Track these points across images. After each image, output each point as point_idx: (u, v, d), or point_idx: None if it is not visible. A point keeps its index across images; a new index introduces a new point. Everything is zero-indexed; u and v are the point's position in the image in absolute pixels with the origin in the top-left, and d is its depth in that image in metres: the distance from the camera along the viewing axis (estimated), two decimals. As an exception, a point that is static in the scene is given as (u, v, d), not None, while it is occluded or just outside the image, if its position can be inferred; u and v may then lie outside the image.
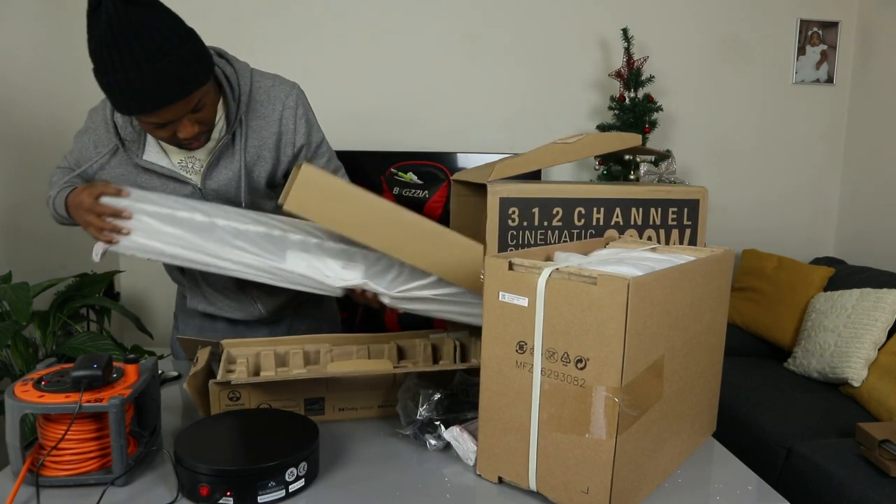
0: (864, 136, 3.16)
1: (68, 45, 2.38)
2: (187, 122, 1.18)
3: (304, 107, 1.39)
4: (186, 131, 1.18)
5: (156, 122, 1.15)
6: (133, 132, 1.29)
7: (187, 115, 1.16)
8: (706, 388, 1.12)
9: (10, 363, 1.79)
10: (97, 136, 1.32)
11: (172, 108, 1.13)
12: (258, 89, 1.33)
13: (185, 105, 1.14)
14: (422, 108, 2.98)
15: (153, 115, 1.13)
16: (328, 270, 1.26)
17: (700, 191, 1.36)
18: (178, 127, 1.18)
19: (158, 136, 1.20)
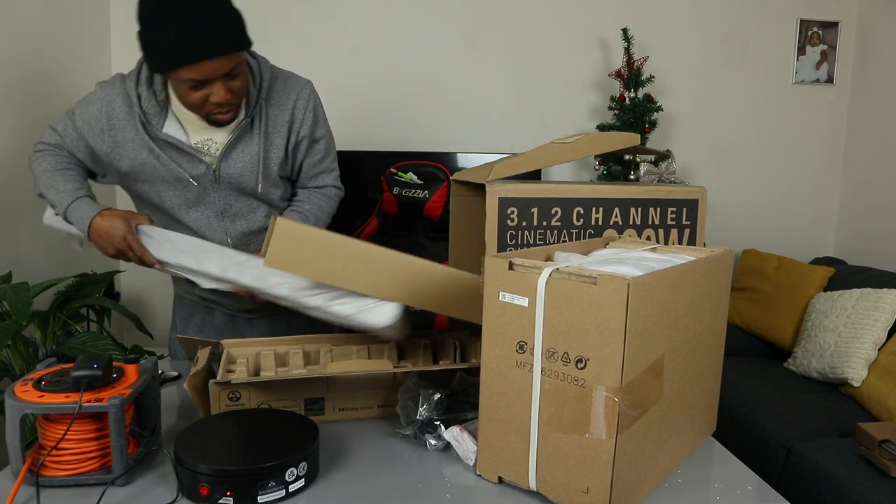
0: (864, 136, 3.16)
1: (68, 44, 2.38)
2: (221, 86, 1.23)
3: (315, 102, 1.45)
4: (219, 95, 1.23)
5: (193, 80, 1.20)
6: (156, 105, 1.33)
7: (223, 78, 1.22)
8: (706, 388, 1.12)
9: (10, 363, 1.79)
10: (111, 109, 1.33)
11: (214, 64, 1.18)
12: (276, 79, 1.40)
13: (226, 63, 1.20)
14: (422, 108, 2.98)
15: (195, 68, 1.17)
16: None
17: (699, 191, 1.36)
18: (213, 89, 1.23)
19: (191, 99, 1.24)
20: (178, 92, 1.27)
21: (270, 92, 1.39)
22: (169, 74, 1.23)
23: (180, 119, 1.35)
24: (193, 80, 1.20)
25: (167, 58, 1.17)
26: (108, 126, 1.33)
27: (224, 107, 1.27)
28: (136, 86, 1.32)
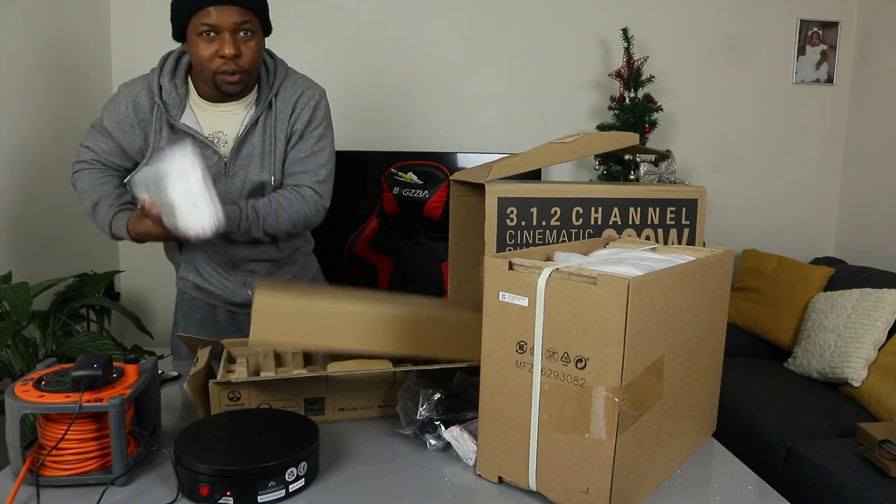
0: (864, 136, 3.16)
1: (69, 44, 2.38)
2: (231, 39, 1.30)
3: (319, 102, 1.49)
4: (230, 47, 1.30)
5: (207, 26, 1.29)
6: (175, 97, 1.42)
7: (234, 33, 1.30)
8: (706, 388, 1.12)
9: (10, 363, 1.79)
10: (137, 103, 1.42)
11: (229, 10, 1.29)
12: (289, 78, 1.47)
13: (241, 14, 1.30)
14: (422, 107, 2.98)
15: (213, 11, 1.28)
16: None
17: (698, 190, 1.36)
18: (223, 42, 1.30)
19: (203, 53, 1.33)
20: (194, 53, 1.35)
21: (281, 91, 1.45)
22: (189, 23, 1.32)
23: (196, 112, 1.44)
24: (206, 27, 1.29)
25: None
26: (137, 120, 1.42)
27: (231, 65, 1.32)
28: (159, 77, 1.42)
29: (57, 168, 2.28)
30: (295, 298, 1.14)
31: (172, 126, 1.41)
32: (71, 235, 2.38)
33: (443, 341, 1.20)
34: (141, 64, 2.73)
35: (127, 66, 2.74)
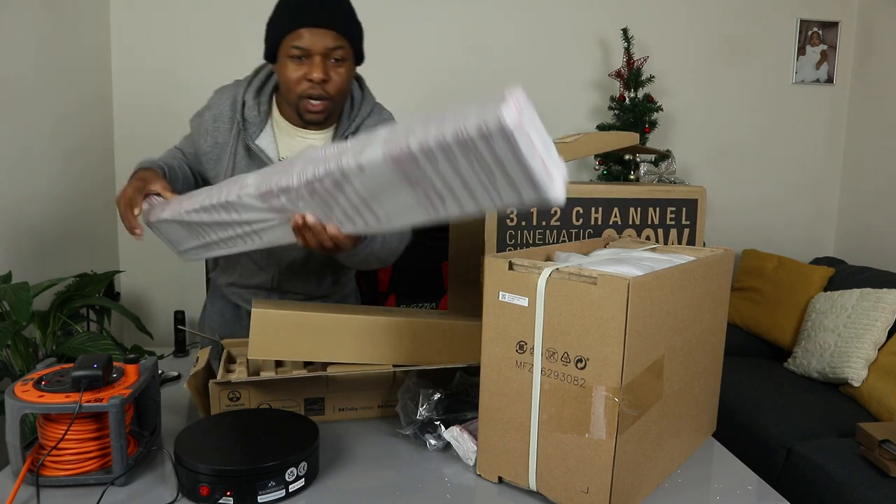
0: (864, 136, 3.16)
1: (69, 44, 2.38)
2: (322, 64, 1.25)
3: None
4: (318, 71, 1.25)
5: (298, 49, 1.24)
6: (257, 116, 1.36)
7: (324, 58, 1.25)
8: (706, 388, 1.12)
9: (10, 363, 1.79)
10: (219, 111, 1.38)
11: (323, 34, 1.23)
12: (373, 115, 1.41)
13: (334, 39, 1.25)
14: (422, 107, 2.98)
15: (306, 33, 1.23)
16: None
17: (698, 190, 1.36)
18: (313, 66, 1.25)
19: (291, 76, 1.27)
20: (282, 75, 1.30)
21: (362, 127, 1.39)
22: (281, 44, 1.27)
23: (276, 132, 1.38)
24: (298, 50, 1.24)
25: (287, 17, 1.24)
26: (213, 128, 1.38)
27: (318, 90, 1.27)
28: (245, 92, 1.37)
29: (57, 168, 2.28)
30: (293, 311, 1.14)
31: (248, 147, 1.36)
32: (71, 235, 2.38)
33: (442, 348, 1.20)
34: (141, 64, 2.74)
35: (127, 66, 2.74)
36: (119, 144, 2.76)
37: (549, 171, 0.79)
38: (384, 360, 1.18)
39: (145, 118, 2.75)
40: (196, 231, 1.18)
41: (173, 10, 2.74)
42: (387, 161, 0.84)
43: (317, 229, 1.05)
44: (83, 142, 2.48)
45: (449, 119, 0.79)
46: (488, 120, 0.74)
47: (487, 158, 0.78)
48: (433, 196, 0.87)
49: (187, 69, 2.76)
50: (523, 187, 0.80)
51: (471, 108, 0.78)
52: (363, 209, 0.96)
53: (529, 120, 0.77)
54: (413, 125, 0.84)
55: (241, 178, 1.08)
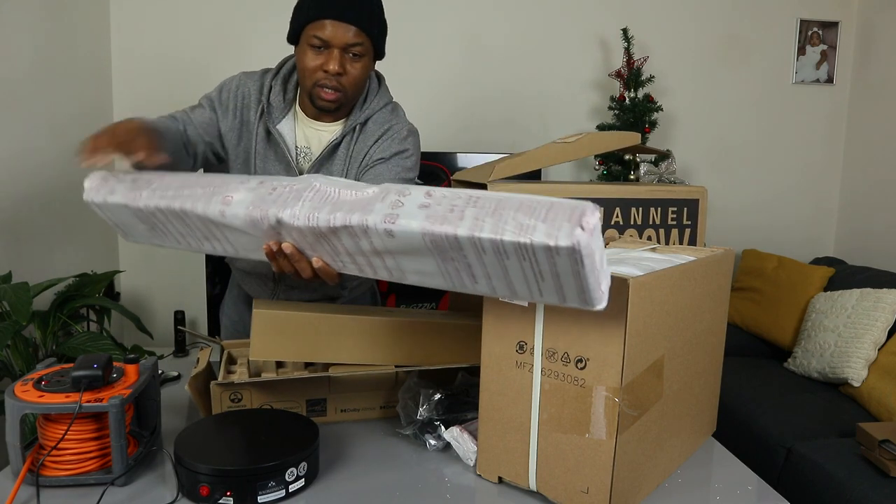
0: (864, 136, 3.16)
1: (69, 44, 2.38)
2: (339, 56, 1.27)
3: (405, 137, 1.40)
4: (335, 63, 1.26)
5: (319, 39, 1.25)
6: (281, 102, 1.38)
7: (343, 51, 1.27)
8: (706, 388, 1.12)
9: (10, 363, 1.79)
10: (246, 91, 1.38)
11: (345, 28, 1.25)
12: (385, 112, 1.42)
13: (355, 35, 1.26)
14: (422, 107, 2.98)
15: (326, 24, 1.24)
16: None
17: (699, 190, 1.36)
18: (331, 57, 1.26)
19: (309, 63, 1.28)
20: (300, 60, 1.31)
21: (371, 119, 1.39)
22: (303, 30, 1.28)
23: (296, 121, 1.40)
24: (319, 39, 1.25)
25: (313, 5, 1.25)
26: (241, 105, 1.38)
27: (332, 81, 1.28)
28: (272, 78, 1.39)
29: (57, 168, 2.28)
30: (294, 312, 1.14)
31: (269, 130, 1.37)
32: (71, 235, 2.38)
33: (442, 349, 1.20)
34: (141, 64, 2.74)
35: (127, 66, 2.74)
36: (119, 144, 2.76)
37: (600, 283, 0.75)
38: (385, 361, 1.18)
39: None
40: (152, 222, 1.04)
41: (173, 11, 2.74)
42: (424, 237, 0.77)
43: (294, 258, 0.96)
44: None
45: (510, 222, 0.72)
46: (560, 240, 0.70)
47: (544, 266, 0.74)
48: (464, 274, 0.81)
49: (187, 69, 2.76)
50: (570, 295, 0.77)
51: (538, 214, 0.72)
52: (373, 258, 0.88)
53: (597, 240, 0.72)
54: (461, 204, 0.76)
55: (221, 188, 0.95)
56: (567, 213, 0.71)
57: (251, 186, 0.94)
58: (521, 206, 0.74)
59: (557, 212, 0.72)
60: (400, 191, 0.82)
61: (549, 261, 0.72)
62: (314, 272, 0.98)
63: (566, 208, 0.72)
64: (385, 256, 0.85)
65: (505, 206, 0.74)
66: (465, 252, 0.77)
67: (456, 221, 0.75)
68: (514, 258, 0.74)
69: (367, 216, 0.81)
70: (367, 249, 0.86)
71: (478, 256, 0.76)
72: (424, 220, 0.77)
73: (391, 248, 0.82)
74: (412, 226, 0.77)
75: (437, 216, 0.77)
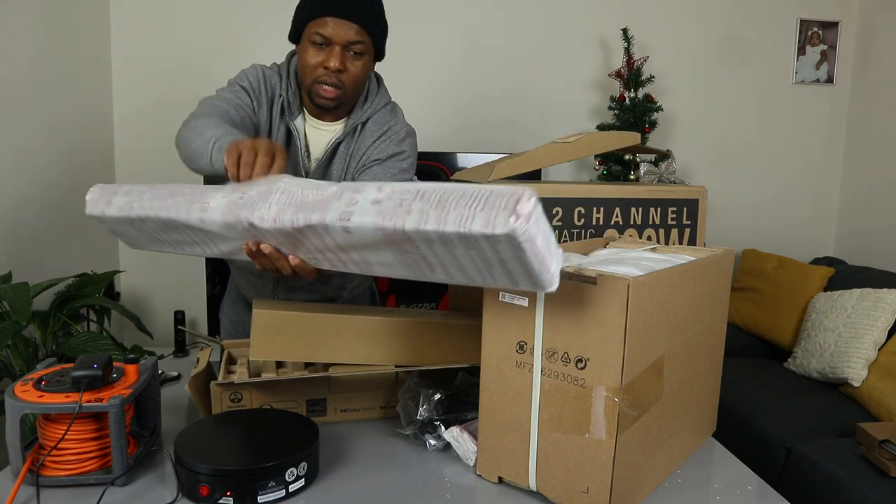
0: (864, 136, 3.16)
1: (69, 44, 2.38)
2: (340, 53, 1.27)
3: (404, 139, 1.40)
4: (335, 60, 1.27)
5: (320, 36, 1.26)
6: (297, 98, 1.38)
7: (344, 49, 1.27)
8: (706, 388, 1.12)
9: (10, 363, 1.79)
10: (273, 81, 1.39)
11: (347, 25, 1.25)
12: (385, 112, 1.42)
13: (357, 33, 1.26)
14: (422, 107, 2.98)
15: (331, 22, 1.25)
16: None
17: (699, 190, 1.36)
18: (332, 54, 1.26)
19: (310, 61, 1.28)
20: (301, 57, 1.31)
21: (371, 119, 1.40)
22: (305, 27, 1.29)
23: (306, 118, 1.40)
24: (321, 36, 1.26)
25: (315, 3, 1.26)
26: (267, 89, 1.38)
27: (332, 78, 1.29)
28: (287, 75, 1.39)
29: (57, 168, 2.28)
30: (294, 312, 1.14)
31: (289, 128, 1.37)
32: (71, 235, 2.38)
33: (442, 349, 1.20)
34: (141, 64, 2.74)
35: (127, 66, 2.74)
36: (119, 145, 2.76)
37: (547, 266, 0.77)
38: (385, 361, 1.17)
39: (145, 118, 2.75)
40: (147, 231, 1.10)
41: (173, 11, 2.74)
42: (376, 230, 0.81)
43: (273, 257, 0.99)
44: (83, 142, 2.48)
45: (452, 213, 0.76)
46: (496, 227, 0.72)
47: (488, 253, 0.77)
48: (422, 264, 0.85)
49: (187, 69, 2.76)
50: (520, 278, 0.80)
51: (476, 204, 0.75)
52: (340, 254, 0.92)
53: (536, 225, 0.74)
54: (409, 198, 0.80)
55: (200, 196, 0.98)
56: (503, 201, 0.73)
57: (226, 192, 0.99)
58: (462, 196, 0.77)
59: (495, 200, 0.74)
60: (356, 188, 0.86)
61: (492, 248, 0.75)
62: (293, 269, 1.02)
63: (503, 196, 0.74)
64: (350, 251, 0.89)
65: (448, 197, 0.78)
66: (416, 244, 0.80)
67: (404, 216, 0.79)
68: (460, 247, 0.77)
69: (325, 214, 0.85)
70: (332, 246, 0.90)
71: (429, 247, 0.80)
72: (376, 216, 0.81)
73: (352, 243, 0.86)
74: (365, 222, 0.81)
75: (387, 212, 0.80)
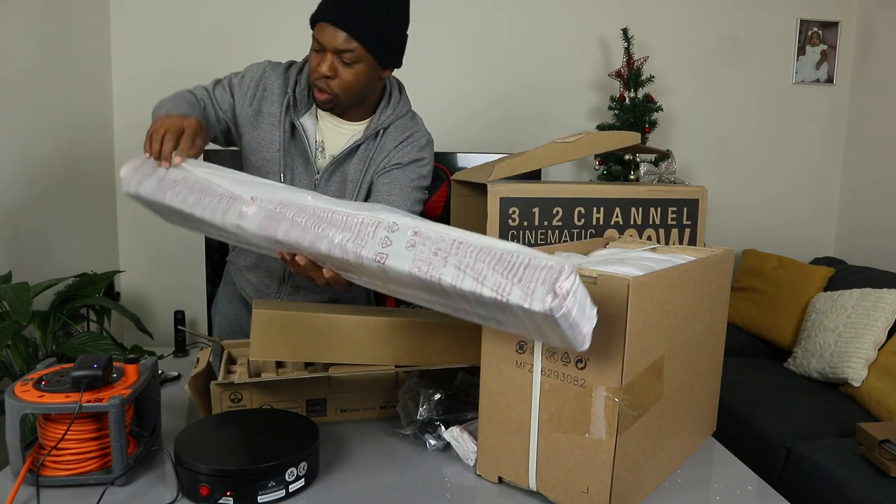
0: (864, 136, 3.16)
1: (69, 44, 2.38)
2: (330, 59, 1.28)
3: (424, 146, 1.43)
4: (324, 66, 1.28)
5: (316, 41, 1.28)
6: (306, 96, 1.40)
7: (336, 56, 1.28)
8: (706, 388, 1.12)
9: (10, 363, 1.79)
10: (269, 82, 1.41)
11: (337, 33, 1.25)
12: (405, 119, 1.44)
13: (346, 41, 1.26)
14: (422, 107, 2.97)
15: (324, 28, 1.26)
16: None
17: (699, 190, 1.36)
18: (324, 59, 1.28)
19: (311, 62, 1.31)
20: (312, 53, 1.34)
21: (393, 125, 1.42)
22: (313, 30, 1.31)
23: (318, 117, 1.42)
24: (317, 42, 1.29)
25: (318, 8, 1.29)
26: (261, 95, 1.40)
27: (323, 83, 1.31)
28: (298, 73, 1.41)
29: (57, 168, 2.28)
30: (294, 312, 1.14)
31: (293, 124, 1.39)
32: (71, 235, 2.38)
33: (443, 349, 1.20)
34: (141, 64, 2.74)
35: (127, 66, 2.74)
36: (119, 145, 2.76)
37: (580, 331, 0.76)
38: (385, 361, 1.17)
39: (145, 118, 2.74)
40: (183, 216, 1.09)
41: (173, 11, 2.74)
42: (412, 276, 0.82)
43: (308, 268, 1.05)
44: (83, 142, 2.48)
45: (489, 278, 0.76)
46: (533, 304, 0.72)
47: (524, 319, 0.77)
48: (457, 306, 0.86)
49: (188, 69, 2.76)
50: (553, 340, 0.81)
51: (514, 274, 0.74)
52: (374, 280, 0.94)
53: (573, 299, 0.73)
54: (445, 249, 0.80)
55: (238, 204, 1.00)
56: (542, 275, 0.73)
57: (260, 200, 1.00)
58: (500, 261, 0.76)
59: (533, 273, 0.74)
60: (389, 226, 0.87)
61: (528, 316, 0.75)
62: (327, 281, 1.06)
63: (542, 270, 0.73)
64: (385, 280, 0.91)
65: (484, 257, 0.78)
66: (449, 294, 0.81)
67: (440, 268, 0.80)
68: (495, 308, 0.78)
69: (360, 250, 0.87)
70: (368, 273, 0.92)
71: (463, 299, 0.81)
72: (411, 263, 0.82)
73: (387, 277, 0.88)
74: (401, 267, 0.83)
75: (422, 259, 0.81)
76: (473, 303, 0.80)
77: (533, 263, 0.74)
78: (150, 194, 1.08)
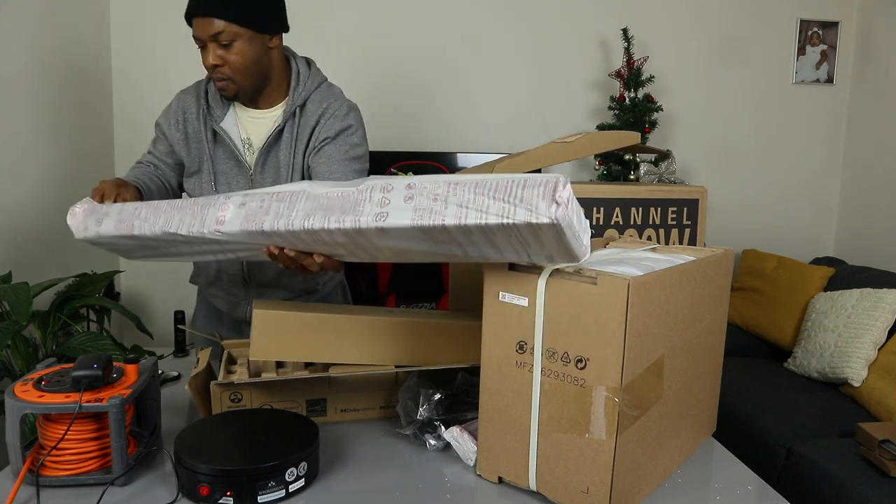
0: (864, 136, 3.16)
1: (69, 44, 2.38)
2: (213, 50, 1.30)
3: (347, 113, 1.43)
4: (210, 57, 1.30)
5: (196, 37, 1.30)
6: (220, 101, 1.43)
7: (215, 43, 1.29)
8: (706, 388, 1.12)
9: (10, 363, 1.79)
10: (186, 105, 1.44)
11: (206, 22, 1.27)
12: (320, 91, 1.44)
13: (213, 26, 1.27)
14: (422, 107, 2.98)
15: (195, 23, 1.28)
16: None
17: (699, 190, 1.36)
18: (207, 52, 1.31)
19: (202, 61, 1.33)
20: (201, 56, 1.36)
21: (309, 101, 1.42)
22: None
23: (238, 114, 1.44)
24: (196, 39, 1.31)
25: (186, 8, 1.31)
26: (183, 120, 1.44)
27: (217, 73, 1.33)
28: (207, 82, 1.45)
29: (57, 168, 2.28)
30: (294, 312, 1.14)
31: (215, 131, 1.42)
32: (71, 236, 2.38)
33: (442, 349, 1.20)
34: (141, 64, 2.74)
35: (127, 66, 2.74)
36: (119, 144, 2.76)
37: (581, 241, 0.82)
38: (385, 361, 1.17)
39: (145, 118, 2.75)
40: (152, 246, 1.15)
41: (173, 11, 2.74)
42: (414, 229, 0.85)
43: (299, 258, 1.06)
44: (83, 142, 2.48)
45: (492, 206, 0.79)
46: (539, 217, 0.76)
47: (528, 237, 0.81)
48: (455, 249, 0.88)
49: (187, 69, 2.76)
50: (556, 255, 0.85)
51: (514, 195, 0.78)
52: (369, 248, 0.96)
53: (572, 209, 0.78)
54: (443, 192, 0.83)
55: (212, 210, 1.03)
56: (541, 190, 0.77)
57: (238, 202, 1.03)
58: (498, 189, 0.80)
59: (531, 190, 0.78)
60: (383, 186, 0.89)
61: (533, 233, 0.79)
62: (320, 266, 1.07)
63: (539, 186, 0.77)
64: (380, 247, 0.93)
65: (482, 189, 0.81)
66: (454, 235, 0.84)
67: (441, 211, 0.82)
68: (500, 235, 0.81)
69: (358, 217, 0.89)
70: (364, 243, 0.94)
71: (467, 237, 0.84)
72: (413, 214, 0.84)
73: (385, 238, 0.90)
74: (402, 222, 0.85)
75: (423, 208, 0.84)
76: (477, 237, 0.83)
77: (528, 183, 0.78)
78: (112, 231, 1.12)
